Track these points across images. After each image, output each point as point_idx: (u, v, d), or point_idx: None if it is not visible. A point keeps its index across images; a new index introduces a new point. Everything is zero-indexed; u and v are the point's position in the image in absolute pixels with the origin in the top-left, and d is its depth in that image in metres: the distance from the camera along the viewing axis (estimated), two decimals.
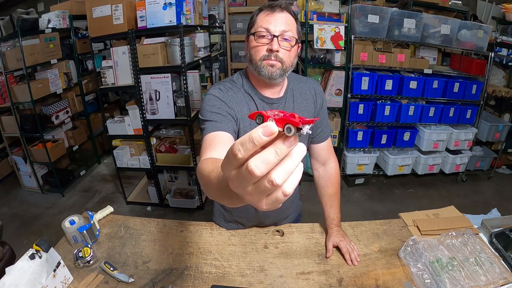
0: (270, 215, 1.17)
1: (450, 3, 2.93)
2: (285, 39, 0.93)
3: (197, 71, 2.72)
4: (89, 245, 1.07)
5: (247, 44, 1.01)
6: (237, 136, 1.04)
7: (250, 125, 1.03)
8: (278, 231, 1.17)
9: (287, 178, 0.31)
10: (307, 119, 0.32)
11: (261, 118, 0.34)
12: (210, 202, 2.85)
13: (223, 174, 0.49)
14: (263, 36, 0.93)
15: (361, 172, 3.06)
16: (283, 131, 0.31)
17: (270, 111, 0.34)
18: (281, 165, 0.30)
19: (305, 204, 1.47)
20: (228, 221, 1.24)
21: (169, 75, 2.34)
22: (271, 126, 0.29)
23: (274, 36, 0.91)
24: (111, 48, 2.43)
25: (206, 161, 0.74)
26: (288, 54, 0.95)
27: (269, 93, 1.05)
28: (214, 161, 0.69)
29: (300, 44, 1.00)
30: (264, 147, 0.30)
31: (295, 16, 0.98)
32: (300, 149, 0.31)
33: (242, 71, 1.09)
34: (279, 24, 0.92)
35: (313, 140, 1.15)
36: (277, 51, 0.92)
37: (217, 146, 0.84)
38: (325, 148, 1.16)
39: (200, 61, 2.69)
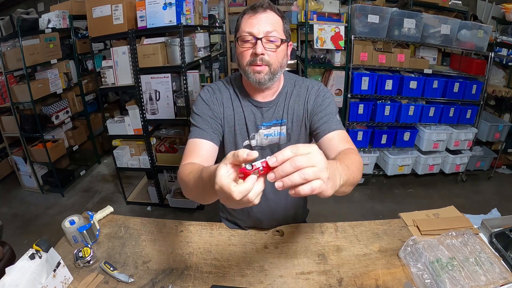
0: (267, 219, 1.15)
1: (450, 3, 2.93)
2: (270, 41, 0.89)
3: (197, 71, 2.72)
4: (89, 245, 1.07)
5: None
6: (223, 136, 1.04)
7: (234, 128, 1.03)
8: (278, 231, 1.17)
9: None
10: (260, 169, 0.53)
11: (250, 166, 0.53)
12: None
13: (200, 177, 0.69)
14: (247, 41, 0.90)
15: None
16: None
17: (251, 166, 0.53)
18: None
19: None
20: (229, 221, 1.25)
21: (169, 75, 2.34)
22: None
23: (258, 38, 0.87)
24: (111, 48, 2.43)
25: (186, 165, 0.88)
26: (275, 55, 0.90)
27: (260, 97, 1.02)
28: (193, 165, 0.84)
29: (290, 43, 0.96)
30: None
31: (281, 14, 0.93)
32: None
33: (239, 73, 1.06)
34: (262, 25, 0.88)
35: (318, 134, 1.01)
36: (262, 54, 0.88)
37: (197, 154, 0.94)
38: (334, 138, 0.96)
39: (200, 61, 2.69)
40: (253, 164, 0.53)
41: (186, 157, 0.93)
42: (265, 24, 0.88)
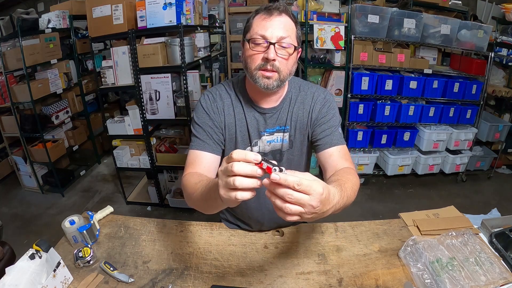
0: (268, 221, 1.15)
1: (450, 3, 2.93)
2: (283, 47, 0.85)
3: (197, 71, 2.72)
4: (89, 245, 1.07)
5: (242, 50, 0.94)
6: (224, 143, 1.03)
7: (235, 135, 1.02)
8: (278, 231, 1.17)
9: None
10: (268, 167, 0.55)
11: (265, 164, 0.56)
12: None
13: (207, 186, 0.73)
14: (258, 44, 0.86)
15: (361, 172, 3.06)
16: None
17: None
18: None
19: None
20: (231, 222, 1.25)
21: (169, 75, 2.34)
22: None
23: (271, 43, 0.84)
24: (111, 48, 2.43)
25: (192, 174, 0.89)
26: (285, 62, 0.87)
27: (264, 102, 1.00)
28: (199, 176, 0.86)
29: (300, 49, 0.94)
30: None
31: (295, 19, 0.90)
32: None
33: (242, 75, 1.05)
34: (276, 29, 0.84)
35: (318, 147, 1.00)
36: (273, 60, 0.85)
37: (199, 165, 0.95)
38: (334, 154, 0.96)
39: (200, 61, 2.69)
40: (262, 161, 0.55)
41: (189, 167, 0.95)
42: (279, 29, 0.85)
